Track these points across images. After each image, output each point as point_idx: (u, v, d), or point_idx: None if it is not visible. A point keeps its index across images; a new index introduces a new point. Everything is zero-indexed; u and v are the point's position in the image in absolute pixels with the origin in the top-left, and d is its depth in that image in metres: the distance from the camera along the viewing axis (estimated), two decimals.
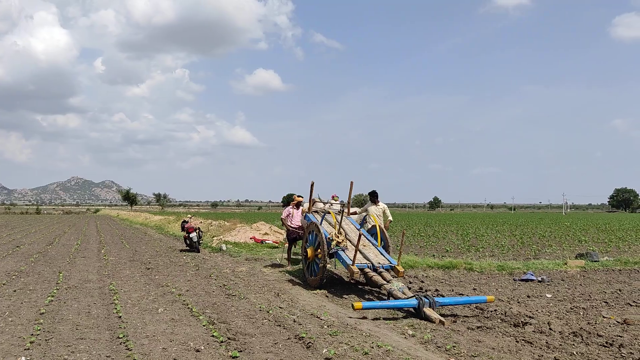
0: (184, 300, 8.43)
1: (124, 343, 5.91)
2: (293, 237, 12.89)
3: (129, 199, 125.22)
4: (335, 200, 14.62)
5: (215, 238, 21.50)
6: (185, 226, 17.59)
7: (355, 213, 12.65)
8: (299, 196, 13.07)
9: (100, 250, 17.11)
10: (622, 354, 5.81)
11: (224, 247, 17.83)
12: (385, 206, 12.30)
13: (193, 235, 17.06)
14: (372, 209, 12.15)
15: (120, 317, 7.22)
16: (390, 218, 12.36)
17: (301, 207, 12.79)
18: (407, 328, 6.91)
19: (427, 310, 7.46)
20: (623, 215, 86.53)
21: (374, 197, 12.26)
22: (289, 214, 12.85)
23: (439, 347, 5.98)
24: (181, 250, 17.39)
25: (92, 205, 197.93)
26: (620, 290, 9.97)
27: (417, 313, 7.63)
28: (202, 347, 5.79)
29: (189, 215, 22.08)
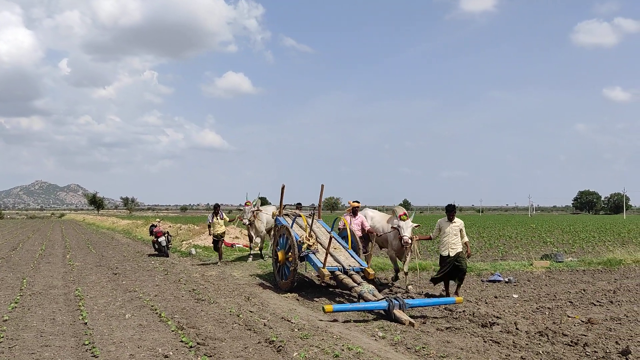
0: (152, 306, 8.30)
1: (90, 350, 5.79)
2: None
3: (96, 203, 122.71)
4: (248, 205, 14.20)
5: (184, 242, 21.26)
6: (154, 230, 17.36)
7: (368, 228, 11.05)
8: (355, 202, 11.29)
9: (66, 256, 16.73)
10: (587, 353, 5.96)
11: (193, 251, 17.65)
12: (462, 223, 9.53)
13: (162, 239, 16.84)
14: (445, 225, 9.49)
15: (86, 323, 7.07)
16: (466, 239, 9.59)
17: (359, 214, 11.28)
18: (377, 330, 6.95)
19: (397, 312, 7.52)
20: (586, 217, 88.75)
21: (450, 212, 9.48)
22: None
23: (408, 348, 6.04)
24: (149, 255, 17.13)
25: (57, 210, 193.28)
26: (584, 290, 10.22)
27: (387, 315, 7.69)
28: (171, 353, 5.72)
29: (158, 220, 21.78)
